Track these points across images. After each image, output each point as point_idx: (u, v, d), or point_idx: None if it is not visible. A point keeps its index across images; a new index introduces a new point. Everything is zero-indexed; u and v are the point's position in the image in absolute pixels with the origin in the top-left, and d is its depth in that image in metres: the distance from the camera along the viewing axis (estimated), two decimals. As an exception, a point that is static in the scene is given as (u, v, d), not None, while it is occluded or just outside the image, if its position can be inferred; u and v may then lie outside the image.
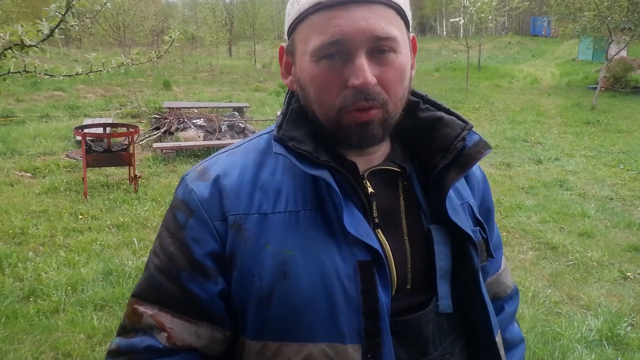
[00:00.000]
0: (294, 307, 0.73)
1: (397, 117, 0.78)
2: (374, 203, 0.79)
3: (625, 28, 13.92)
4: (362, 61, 0.71)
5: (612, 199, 5.96)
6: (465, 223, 0.83)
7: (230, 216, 0.75)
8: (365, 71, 0.70)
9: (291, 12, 0.76)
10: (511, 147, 8.51)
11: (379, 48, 0.72)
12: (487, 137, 9.21)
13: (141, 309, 0.78)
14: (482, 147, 0.82)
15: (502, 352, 0.87)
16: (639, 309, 3.48)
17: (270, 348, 0.75)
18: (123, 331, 0.81)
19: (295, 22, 0.75)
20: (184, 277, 0.76)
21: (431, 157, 0.83)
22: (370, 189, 0.80)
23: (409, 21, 0.78)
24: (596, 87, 13.62)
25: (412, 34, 0.81)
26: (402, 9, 0.75)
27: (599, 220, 5.22)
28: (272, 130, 0.83)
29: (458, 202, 0.87)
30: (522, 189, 6.29)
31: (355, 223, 0.74)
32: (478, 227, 0.87)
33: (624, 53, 15.47)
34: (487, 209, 0.98)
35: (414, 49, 0.81)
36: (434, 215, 0.83)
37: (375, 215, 0.79)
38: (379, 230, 0.79)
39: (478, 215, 0.90)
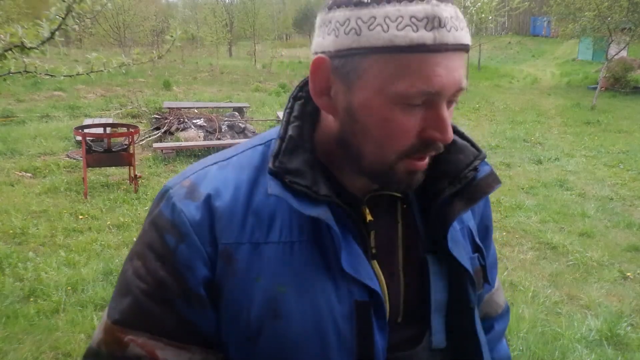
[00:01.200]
0: (283, 348, 0.68)
1: None
2: (372, 233, 0.74)
3: (625, 28, 13.92)
4: (446, 114, 0.65)
5: (612, 199, 5.96)
6: (464, 256, 0.78)
7: (221, 244, 0.69)
8: (449, 126, 0.66)
9: (364, 34, 0.62)
10: (511, 147, 8.51)
11: (454, 99, 0.67)
12: (487, 137, 9.22)
13: (127, 337, 0.70)
14: (492, 181, 0.78)
15: None
16: (639, 309, 3.48)
17: None
18: (95, 357, 0.73)
19: (372, 50, 0.62)
20: (179, 305, 0.69)
21: (435, 180, 0.77)
22: (369, 217, 0.75)
23: None
24: (596, 87, 13.62)
25: None
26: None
27: (599, 220, 5.22)
28: (267, 142, 0.77)
29: (458, 226, 0.82)
30: (522, 189, 6.30)
31: (354, 261, 0.69)
32: (477, 254, 0.83)
33: (624, 53, 15.47)
34: (485, 227, 0.92)
35: None
36: (432, 243, 0.78)
37: (372, 245, 0.74)
38: (375, 262, 0.74)
39: (477, 240, 0.85)
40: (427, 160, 0.70)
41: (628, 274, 4.02)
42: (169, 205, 0.71)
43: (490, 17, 17.73)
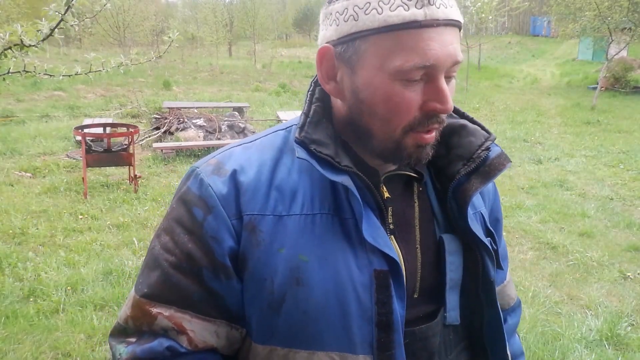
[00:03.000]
0: (305, 315, 0.71)
1: None
2: (389, 208, 0.78)
3: (625, 28, 13.92)
4: (445, 86, 0.70)
5: (612, 199, 5.96)
6: (482, 233, 0.82)
7: (245, 216, 0.73)
8: (449, 97, 0.70)
9: (361, 18, 0.68)
10: (511, 147, 8.51)
11: (450, 73, 0.71)
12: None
13: (155, 310, 0.74)
14: (504, 159, 0.82)
15: None
16: (639, 309, 3.48)
17: (277, 353, 0.73)
18: (123, 333, 0.77)
19: (370, 32, 0.68)
20: (206, 276, 0.73)
21: (450, 164, 0.82)
22: (386, 194, 0.78)
23: None
24: (596, 87, 13.62)
25: None
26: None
27: (599, 220, 5.22)
28: (288, 127, 0.82)
29: (471, 211, 0.85)
30: (522, 189, 6.29)
31: (373, 231, 0.72)
32: (489, 238, 0.86)
33: (624, 53, 15.47)
34: (495, 219, 0.96)
35: None
36: (447, 224, 0.82)
37: (390, 221, 0.77)
38: (393, 237, 0.77)
39: (489, 226, 0.88)
40: (434, 134, 0.74)
41: (628, 274, 4.02)
42: (196, 181, 0.76)
43: (490, 17, 17.72)
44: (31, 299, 3.36)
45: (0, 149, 7.15)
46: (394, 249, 0.74)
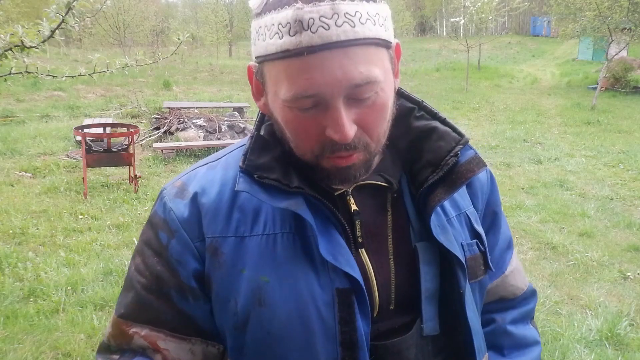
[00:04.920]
0: (270, 335, 0.71)
1: (379, 150, 0.73)
2: (357, 222, 0.75)
3: (625, 28, 13.92)
4: (340, 114, 0.63)
5: (612, 199, 5.96)
6: (453, 242, 0.78)
7: (207, 238, 0.73)
8: (344, 126, 0.64)
9: (258, 43, 0.65)
10: (511, 147, 8.51)
11: (358, 96, 0.64)
12: (487, 137, 9.22)
13: (131, 330, 0.76)
14: (475, 165, 0.76)
15: None
16: (639, 309, 3.48)
17: None
18: (107, 350, 0.79)
19: (264, 58, 0.66)
20: (175, 297, 0.74)
21: (421, 169, 0.78)
22: (354, 207, 0.75)
23: (390, 41, 0.67)
24: (596, 87, 13.62)
25: (396, 41, 0.71)
26: (381, 38, 0.64)
27: (599, 220, 5.22)
28: None
29: (454, 213, 0.82)
30: (522, 189, 6.30)
31: (334, 249, 0.70)
32: (475, 240, 0.83)
33: (624, 53, 15.47)
34: (492, 212, 0.92)
35: (397, 56, 0.71)
36: (423, 231, 0.78)
37: (358, 234, 0.75)
38: (362, 250, 0.75)
39: (477, 226, 0.85)
40: (354, 156, 0.69)
41: (628, 274, 4.02)
42: (161, 205, 0.77)
43: (490, 17, 17.74)
44: (31, 299, 3.37)
45: (0, 149, 7.15)
46: (356, 267, 0.71)
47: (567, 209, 5.52)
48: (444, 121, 0.80)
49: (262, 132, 0.76)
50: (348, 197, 0.76)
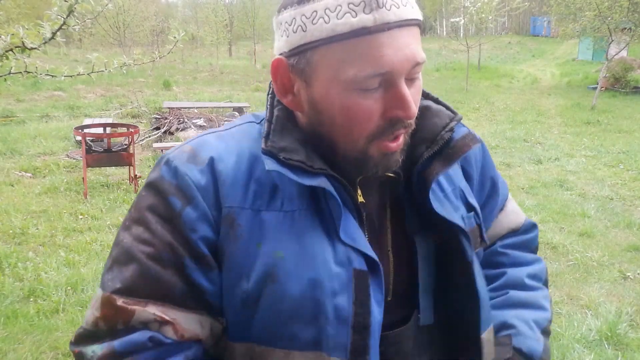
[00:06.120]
0: (280, 313, 0.68)
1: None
2: (363, 214, 0.75)
3: (625, 28, 13.92)
4: (406, 91, 0.66)
5: (612, 199, 5.96)
6: (453, 214, 0.78)
7: (224, 208, 0.69)
8: (411, 102, 0.66)
9: (309, 28, 0.64)
10: (511, 147, 8.51)
11: (411, 75, 0.67)
12: (487, 137, 9.22)
13: (131, 306, 0.67)
14: (470, 140, 0.78)
15: (486, 349, 0.81)
16: (639, 309, 3.48)
17: (255, 350, 0.70)
18: (92, 338, 0.68)
19: (319, 42, 0.64)
20: (188, 267, 0.69)
21: (414, 148, 0.77)
22: (360, 199, 0.76)
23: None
24: (596, 87, 13.61)
25: None
26: (421, 21, 0.69)
27: (599, 220, 5.22)
28: (261, 122, 0.79)
29: (449, 188, 0.82)
30: (522, 189, 6.30)
31: (352, 232, 0.70)
32: (472, 212, 0.83)
33: (624, 53, 15.46)
34: (490, 178, 0.94)
35: None
36: (419, 219, 0.79)
37: (365, 226, 0.75)
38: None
39: (471, 200, 0.85)
40: (401, 140, 0.71)
41: (628, 274, 4.02)
42: (170, 169, 0.71)
43: (490, 17, 17.73)
44: (31, 299, 3.37)
45: (0, 149, 7.15)
46: (372, 251, 0.71)
47: (567, 209, 5.52)
48: (437, 100, 0.81)
49: (276, 114, 0.74)
50: (357, 189, 0.76)
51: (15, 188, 5.68)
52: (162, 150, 7.21)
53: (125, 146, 5.84)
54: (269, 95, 0.77)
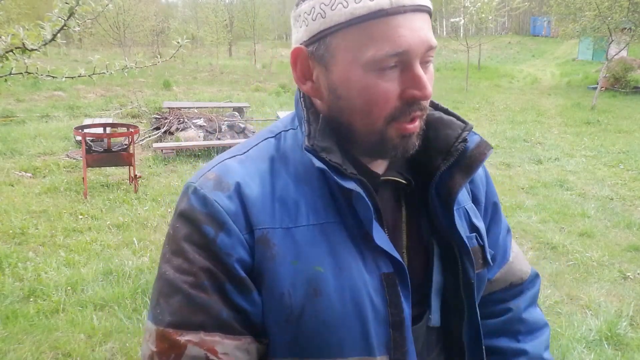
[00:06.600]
0: (324, 324, 0.71)
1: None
2: (382, 216, 0.78)
3: (625, 28, 13.91)
4: (421, 71, 0.69)
5: (612, 199, 5.96)
6: (465, 233, 0.82)
7: (257, 230, 0.71)
8: (427, 82, 0.69)
9: (329, 14, 0.68)
10: (511, 147, 8.51)
11: (425, 58, 0.70)
12: (487, 137, 9.22)
13: (183, 338, 0.68)
14: (484, 148, 0.81)
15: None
16: (639, 309, 3.48)
17: None
18: None
19: (338, 27, 0.68)
20: (229, 291, 0.70)
21: (429, 159, 0.80)
22: (379, 202, 0.78)
23: None
24: (596, 87, 13.61)
25: None
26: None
27: (599, 220, 5.22)
28: (277, 134, 0.80)
29: (455, 207, 0.84)
30: (522, 189, 6.30)
31: (381, 236, 0.73)
32: (474, 234, 0.85)
33: (624, 53, 15.47)
34: (493, 204, 0.95)
35: None
36: (431, 224, 0.82)
37: (384, 227, 0.78)
38: None
39: (476, 221, 0.87)
40: (417, 123, 0.73)
41: (628, 274, 4.02)
42: (199, 198, 0.72)
43: (490, 17, 17.71)
44: (31, 299, 3.37)
45: (0, 149, 7.15)
46: (397, 252, 0.74)
47: (567, 209, 5.52)
48: (446, 111, 0.84)
49: (321, 115, 0.76)
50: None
51: (15, 188, 5.69)
52: (162, 150, 7.21)
53: (125, 146, 5.84)
54: (302, 98, 0.79)
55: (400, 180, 0.80)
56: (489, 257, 0.87)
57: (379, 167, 0.80)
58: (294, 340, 0.72)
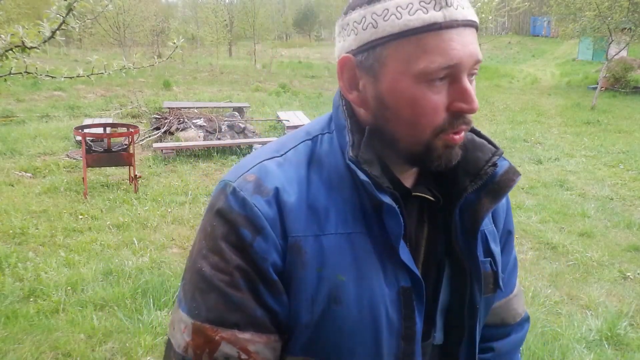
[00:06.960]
0: (340, 331, 0.73)
1: None
2: (408, 231, 0.79)
3: (625, 28, 13.91)
4: (470, 86, 0.70)
5: (612, 199, 5.97)
6: (481, 256, 0.83)
7: (290, 237, 0.73)
8: (474, 96, 0.70)
9: (381, 25, 0.69)
10: (511, 147, 8.51)
11: (473, 71, 0.72)
12: (487, 137, 9.22)
13: (218, 335, 0.72)
14: (513, 175, 0.81)
15: None
16: (639, 309, 3.48)
17: None
18: None
19: (390, 38, 0.69)
20: (262, 292, 0.73)
21: (457, 179, 0.80)
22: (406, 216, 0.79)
23: None
24: (596, 87, 13.61)
25: None
26: None
27: (599, 220, 5.22)
28: (314, 137, 0.80)
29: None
30: (522, 189, 6.30)
31: (405, 251, 0.75)
32: (489, 259, 0.85)
33: (624, 53, 15.47)
34: (508, 232, 0.95)
35: None
36: (448, 244, 0.82)
37: (407, 242, 0.79)
38: None
39: (493, 246, 0.87)
40: (462, 134, 0.74)
41: (628, 274, 4.02)
42: (238, 200, 0.73)
43: (490, 17, 17.69)
44: (31, 299, 3.37)
45: (0, 149, 7.15)
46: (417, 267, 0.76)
47: (567, 209, 5.53)
48: (479, 133, 0.84)
49: (364, 126, 0.76)
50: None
51: (15, 188, 5.69)
52: (162, 150, 7.21)
53: (125, 146, 5.84)
54: (344, 106, 0.79)
55: (429, 197, 0.80)
56: (501, 282, 0.87)
57: (408, 179, 0.81)
58: (308, 342, 0.75)
